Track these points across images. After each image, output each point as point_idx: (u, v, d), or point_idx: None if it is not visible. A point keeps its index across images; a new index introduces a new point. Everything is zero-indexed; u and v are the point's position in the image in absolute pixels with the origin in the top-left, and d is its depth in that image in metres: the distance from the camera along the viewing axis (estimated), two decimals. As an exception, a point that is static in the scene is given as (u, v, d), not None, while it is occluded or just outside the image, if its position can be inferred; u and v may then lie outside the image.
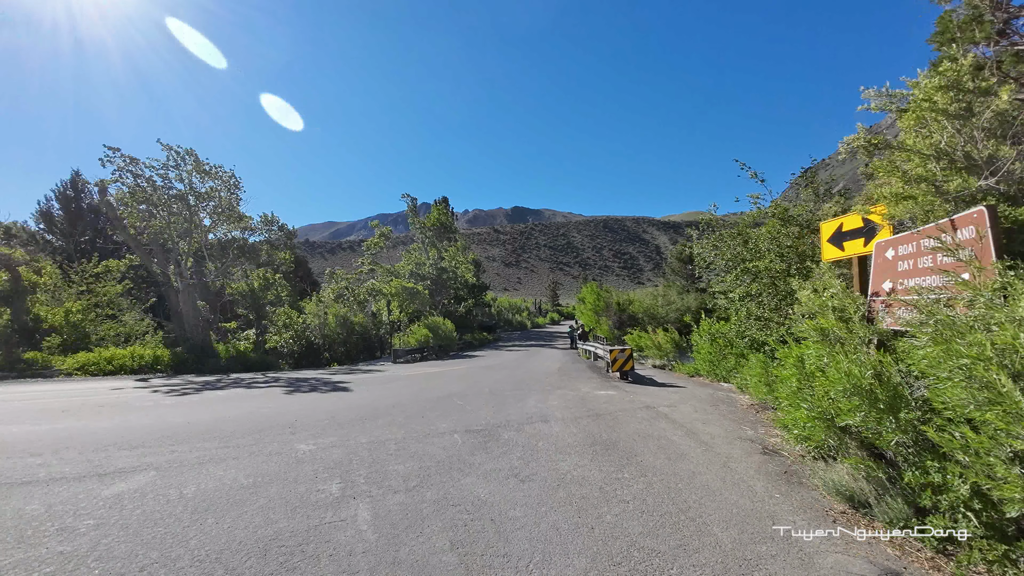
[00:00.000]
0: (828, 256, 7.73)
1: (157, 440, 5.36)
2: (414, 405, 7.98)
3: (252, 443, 5.31)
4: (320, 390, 10.47)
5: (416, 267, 39.89)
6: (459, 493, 3.80)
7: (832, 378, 3.44)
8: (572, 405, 7.90)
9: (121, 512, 3.29)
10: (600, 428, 6.15)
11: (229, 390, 10.45)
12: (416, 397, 8.98)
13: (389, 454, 4.90)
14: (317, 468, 4.38)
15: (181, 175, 21.86)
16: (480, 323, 48.76)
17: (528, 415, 7.03)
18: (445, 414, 7.12)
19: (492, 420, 6.67)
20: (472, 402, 8.26)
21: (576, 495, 3.79)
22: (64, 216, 39.25)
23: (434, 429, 6.08)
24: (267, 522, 3.17)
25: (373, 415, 7.06)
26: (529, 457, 4.83)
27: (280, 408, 7.79)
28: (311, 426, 6.26)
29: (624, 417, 6.87)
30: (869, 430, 3.25)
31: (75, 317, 20.67)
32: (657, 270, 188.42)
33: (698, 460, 4.79)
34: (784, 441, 5.21)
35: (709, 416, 7.04)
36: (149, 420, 6.60)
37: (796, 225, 9.52)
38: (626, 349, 11.82)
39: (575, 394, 9.21)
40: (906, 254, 4.76)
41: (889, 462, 3.47)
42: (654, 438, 5.66)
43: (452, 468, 4.45)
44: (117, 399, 8.74)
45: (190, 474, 4.16)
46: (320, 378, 13.33)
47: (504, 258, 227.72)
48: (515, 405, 7.92)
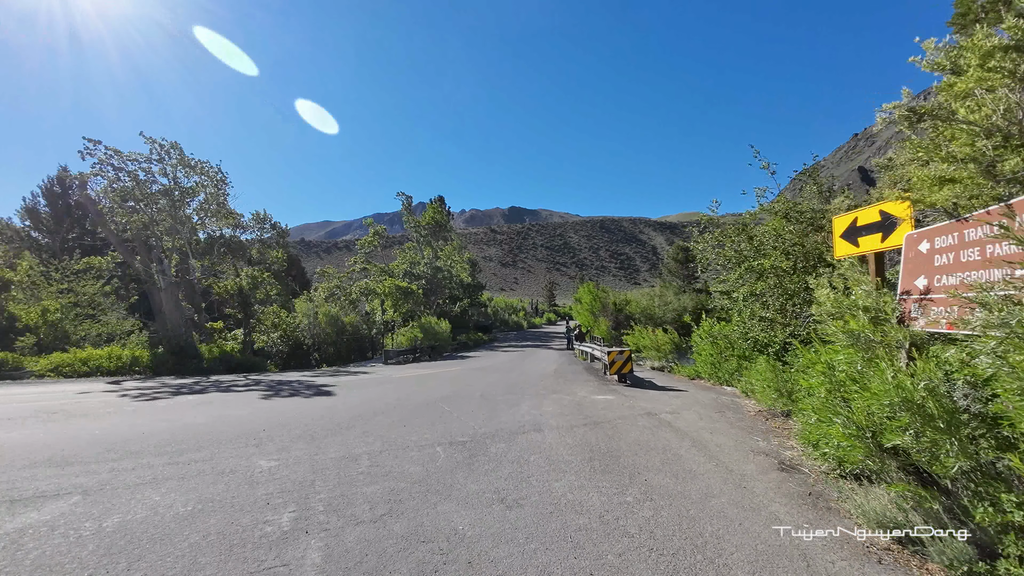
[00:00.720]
0: (841, 253, 7.19)
1: (99, 455, 4.75)
2: (398, 411, 7.40)
3: (207, 458, 4.71)
4: (301, 394, 9.86)
5: (411, 266, 39.23)
6: (434, 524, 3.22)
7: (876, 390, 2.89)
8: (568, 412, 7.33)
9: (14, 555, 2.69)
10: (599, 439, 5.58)
11: (204, 394, 9.81)
12: (401, 402, 8.39)
13: (359, 472, 4.31)
14: (272, 491, 3.79)
15: (165, 169, 21.15)
16: (476, 323, 48.16)
17: (520, 423, 6.46)
18: (430, 422, 6.54)
19: (481, 429, 6.09)
20: (461, 408, 7.68)
21: (572, 526, 3.22)
22: (50, 212, 38.40)
23: (415, 440, 5.50)
24: (191, 569, 2.58)
25: (350, 423, 6.46)
26: (519, 475, 4.26)
27: (252, 415, 7.19)
28: (280, 437, 5.66)
29: (624, 426, 6.31)
30: (923, 453, 2.70)
31: (53, 316, 19.92)
32: (654, 271, 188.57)
33: (709, 478, 4.23)
34: (805, 456, 4.67)
35: (716, 424, 6.49)
36: (100, 430, 5.97)
37: (801, 222, 9.03)
38: (625, 351, 11.27)
39: (571, 399, 8.65)
40: (945, 247, 4.22)
41: (942, 490, 2.92)
42: (658, 451, 5.10)
43: (429, 490, 3.86)
44: (75, 405, 8.10)
45: (121, 499, 3.56)
46: (304, 381, 12.71)
47: (501, 258, 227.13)
48: (507, 412, 7.35)
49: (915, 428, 2.70)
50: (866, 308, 3.59)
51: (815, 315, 5.16)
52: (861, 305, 3.72)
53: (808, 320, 9.25)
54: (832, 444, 3.36)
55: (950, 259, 4.18)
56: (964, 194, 3.90)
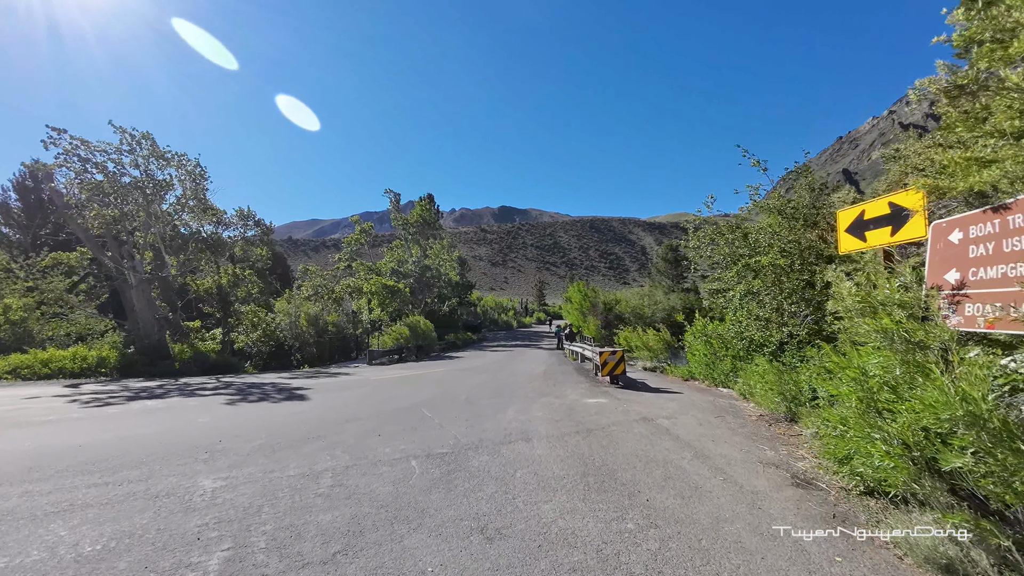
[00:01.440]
0: (846, 248, 6.77)
1: (15, 474, 4.08)
2: (374, 418, 6.79)
3: (143, 477, 4.07)
4: (271, 398, 9.18)
5: (398, 265, 38.40)
6: (396, 566, 2.65)
7: (930, 401, 2.41)
8: (559, 417, 6.81)
9: None
10: (593, 449, 5.06)
11: (165, 399, 9.08)
12: (379, 407, 7.78)
13: (318, 494, 3.72)
14: (209, 521, 3.18)
15: (136, 161, 20.14)
16: (465, 322, 47.49)
17: (506, 431, 5.91)
18: (407, 430, 5.96)
19: (462, 439, 5.53)
20: (443, 413, 7.11)
21: (565, 564, 2.68)
22: (22, 207, 36.81)
23: (388, 453, 4.91)
24: (69, 640, 1.99)
25: (319, 432, 5.85)
26: (503, 497, 3.70)
27: (210, 423, 6.52)
28: (235, 450, 5.03)
29: (619, 433, 5.80)
30: (990, 478, 2.22)
31: (15, 315, 18.83)
32: (643, 271, 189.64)
33: (719, 498, 3.73)
34: (821, 470, 4.20)
35: (717, 431, 6.02)
36: (31, 443, 5.28)
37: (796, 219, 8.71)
38: (617, 351, 10.79)
39: (562, 402, 8.13)
40: (983, 236, 3.77)
41: (1007, 521, 2.45)
42: (658, 463, 4.59)
43: (397, 518, 3.29)
44: (16, 412, 7.34)
45: (17, 535, 2.93)
46: (278, 383, 12.00)
47: (491, 257, 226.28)
48: (492, 418, 6.79)
49: (982, 448, 2.22)
50: (903, 303, 3.11)
51: (833, 311, 4.71)
52: (896, 300, 3.25)
53: (806, 320, 8.89)
54: (868, 462, 2.88)
55: (989, 249, 3.72)
56: (1004, 177, 3.44)
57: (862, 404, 2.95)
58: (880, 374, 2.87)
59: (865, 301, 3.32)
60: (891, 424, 2.71)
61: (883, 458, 2.65)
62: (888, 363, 2.88)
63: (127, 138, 19.78)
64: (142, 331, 18.62)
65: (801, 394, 6.63)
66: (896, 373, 2.79)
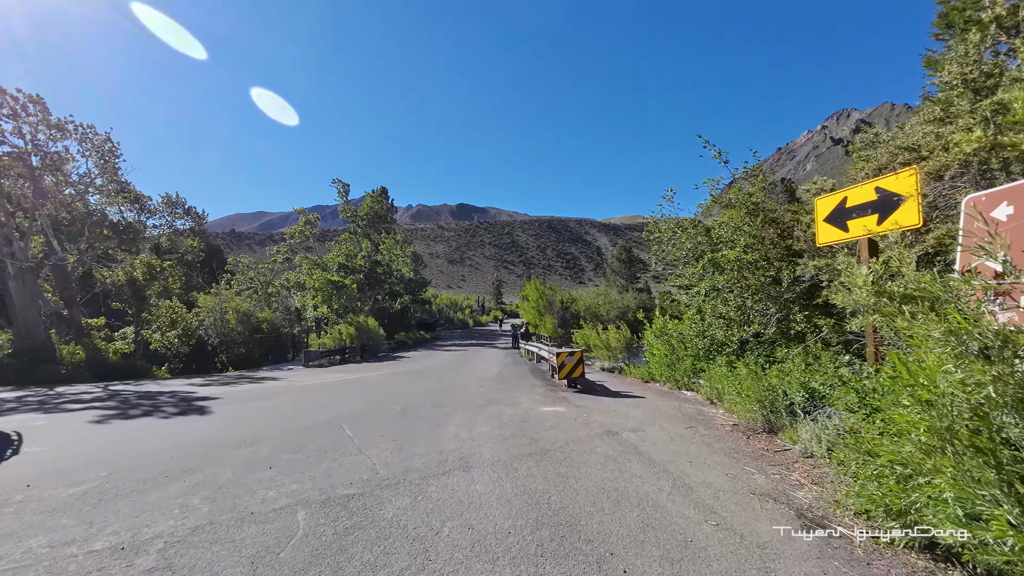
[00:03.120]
0: (824, 239, 6.08)
1: None
2: (275, 440, 5.37)
3: None
4: (161, 412, 7.45)
5: (346, 259, 35.92)
6: None
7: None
8: (509, 433, 5.68)
9: None
10: (549, 482, 3.96)
11: (13, 415, 7.11)
12: (291, 424, 6.34)
13: (120, 588, 2.36)
14: None
15: (20, 128, 17.06)
16: (419, 321, 45.57)
17: (441, 456, 4.70)
18: (312, 460, 4.61)
19: (381, 470, 4.26)
20: (367, 431, 5.79)
21: None
22: None
23: (269, 499, 3.56)
24: None
25: (192, 465, 4.38)
26: (417, 575, 2.51)
27: (38, 454, 4.85)
28: (45, 500, 3.51)
29: (580, 455, 4.75)
30: None
31: None
32: (598, 271, 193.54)
33: (717, 559, 2.73)
34: (835, 509, 3.32)
35: (692, 448, 5.11)
36: None
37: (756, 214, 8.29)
38: (575, 352, 9.85)
39: (514, 412, 7.02)
40: (1043, 209, 3.02)
41: None
42: (632, 501, 3.56)
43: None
44: None
45: None
46: (181, 392, 10.10)
47: (448, 255, 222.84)
48: (427, 436, 5.56)
49: None
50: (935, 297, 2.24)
51: (840, 305, 3.89)
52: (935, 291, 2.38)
53: (771, 319, 8.35)
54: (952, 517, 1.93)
55: (1053, 226, 2.98)
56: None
57: (932, 438, 2.03)
58: (963, 391, 1.95)
59: (921, 292, 2.42)
60: (986, 471, 1.79)
61: (1019, 539, 1.66)
62: (982, 377, 1.95)
63: (8, 101, 16.69)
64: (23, 330, 15.71)
65: (777, 400, 5.92)
66: (989, 392, 1.88)
